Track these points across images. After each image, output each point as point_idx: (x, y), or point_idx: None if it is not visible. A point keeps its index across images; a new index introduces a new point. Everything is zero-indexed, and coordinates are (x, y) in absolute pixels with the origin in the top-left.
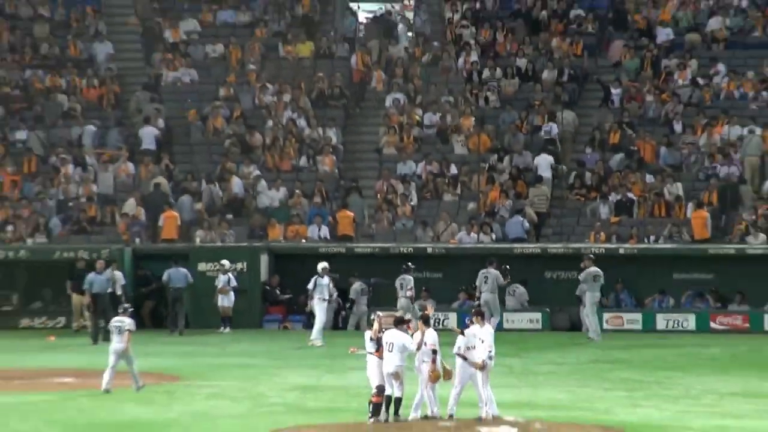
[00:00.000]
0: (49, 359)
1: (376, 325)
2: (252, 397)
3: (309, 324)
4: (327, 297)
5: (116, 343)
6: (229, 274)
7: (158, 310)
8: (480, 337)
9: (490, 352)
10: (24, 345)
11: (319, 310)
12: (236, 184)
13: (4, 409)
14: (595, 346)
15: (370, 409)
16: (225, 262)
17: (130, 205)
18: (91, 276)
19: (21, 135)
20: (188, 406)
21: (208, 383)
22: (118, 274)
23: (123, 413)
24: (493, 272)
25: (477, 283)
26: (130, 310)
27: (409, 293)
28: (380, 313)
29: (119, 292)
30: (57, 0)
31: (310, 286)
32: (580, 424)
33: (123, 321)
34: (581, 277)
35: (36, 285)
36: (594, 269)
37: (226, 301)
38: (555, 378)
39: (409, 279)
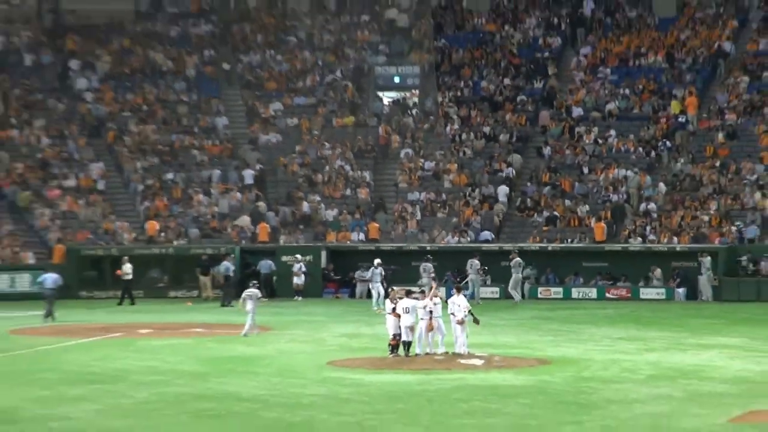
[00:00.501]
0: (187, 317)
1: (392, 295)
2: (316, 340)
3: (353, 294)
4: (379, 280)
5: (249, 305)
6: (301, 263)
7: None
8: (458, 303)
9: (466, 311)
10: (171, 308)
11: (375, 289)
12: (305, 206)
13: (160, 348)
14: (531, 308)
15: (390, 349)
16: (298, 255)
17: (244, 220)
18: (224, 263)
19: (170, 175)
20: (275, 345)
21: (288, 332)
22: (231, 264)
23: (234, 351)
24: (476, 261)
25: (466, 267)
26: (257, 285)
27: (432, 274)
28: (395, 288)
29: (231, 274)
30: (193, 89)
31: (368, 274)
32: (524, 358)
33: (253, 291)
34: (511, 264)
35: (179, 270)
36: (518, 260)
37: (299, 281)
38: (506, 328)
39: (429, 266)
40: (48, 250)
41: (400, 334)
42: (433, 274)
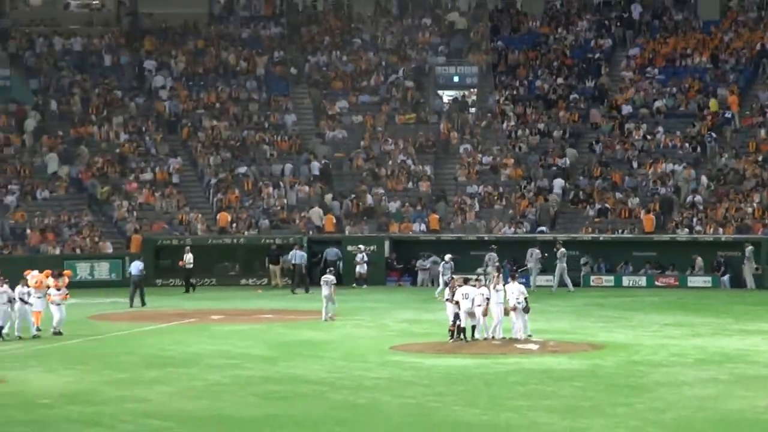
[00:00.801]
0: (257, 304)
1: (452, 283)
2: (379, 326)
3: (414, 282)
4: (449, 274)
5: (325, 291)
6: (363, 253)
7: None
8: (513, 290)
9: (520, 298)
10: (243, 295)
11: (442, 281)
12: (369, 199)
13: (231, 333)
14: (584, 295)
15: (450, 335)
16: (360, 246)
17: (315, 212)
18: (295, 252)
19: (241, 169)
20: (341, 330)
21: (352, 318)
22: (300, 253)
23: (302, 335)
24: (536, 251)
25: (527, 256)
26: (333, 271)
27: (497, 263)
28: (455, 276)
29: (299, 263)
30: (263, 88)
31: (440, 268)
32: (577, 343)
33: (329, 277)
34: (557, 254)
35: (250, 259)
36: (563, 250)
37: (361, 269)
38: (560, 315)
39: (494, 255)
40: (125, 240)
41: (459, 320)
42: (497, 263)
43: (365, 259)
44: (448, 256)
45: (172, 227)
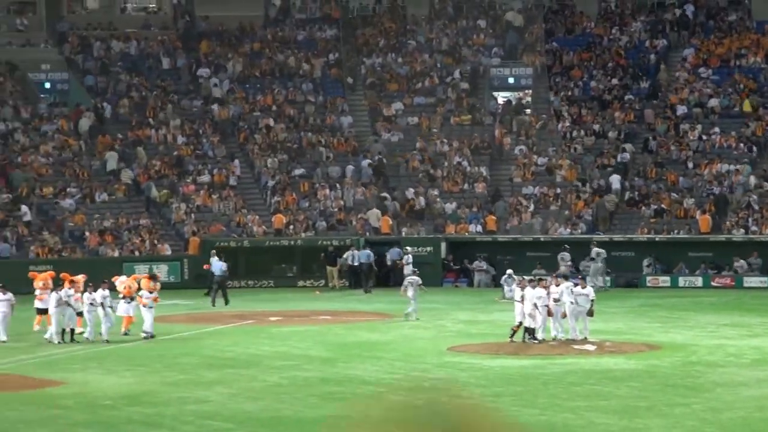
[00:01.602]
0: (315, 305)
1: (521, 284)
2: (436, 327)
3: (471, 284)
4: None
5: (410, 291)
6: (408, 254)
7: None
8: (583, 293)
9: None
10: (300, 297)
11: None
12: (425, 200)
13: (290, 335)
14: (640, 296)
15: (510, 334)
16: (407, 248)
17: (373, 213)
18: (353, 252)
19: (299, 171)
20: (399, 332)
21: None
22: (357, 254)
23: (360, 337)
24: (601, 250)
25: (592, 255)
26: (417, 272)
27: (569, 263)
28: (524, 277)
29: (356, 263)
30: (319, 90)
31: (503, 282)
32: (633, 343)
33: (415, 278)
34: (593, 254)
35: (307, 261)
36: (597, 249)
37: (407, 270)
38: (617, 316)
39: (567, 255)
40: (183, 242)
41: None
42: (569, 263)
43: (410, 260)
44: (509, 272)
45: (229, 229)
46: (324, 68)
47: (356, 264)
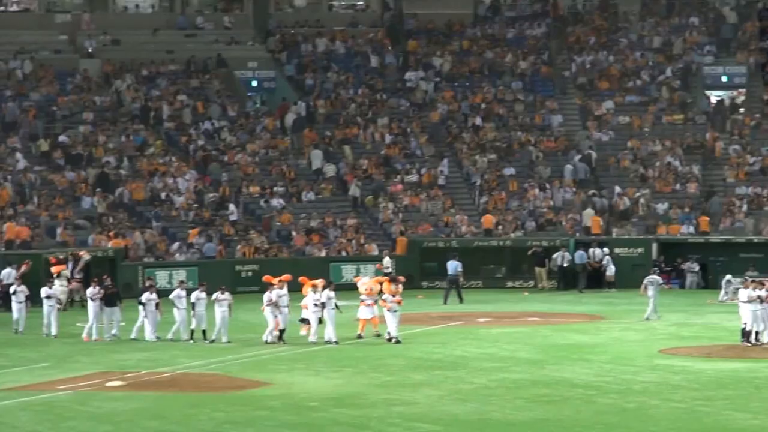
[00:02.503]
0: (523, 306)
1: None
2: (647, 329)
3: (683, 285)
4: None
5: (650, 291)
6: (608, 256)
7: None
8: None
9: None
10: (509, 298)
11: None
12: (624, 201)
13: (498, 336)
14: None
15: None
16: (606, 248)
17: (587, 214)
18: (561, 253)
19: (507, 171)
20: (608, 334)
21: (621, 321)
22: (567, 254)
23: (569, 339)
24: None
25: None
26: (657, 272)
27: None
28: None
29: (565, 264)
30: (528, 89)
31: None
32: None
33: (654, 278)
34: None
35: (516, 261)
36: None
37: (610, 273)
38: None
39: None
40: (391, 242)
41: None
42: None
43: (609, 262)
44: (728, 277)
45: (437, 229)
46: (533, 66)
47: (565, 265)
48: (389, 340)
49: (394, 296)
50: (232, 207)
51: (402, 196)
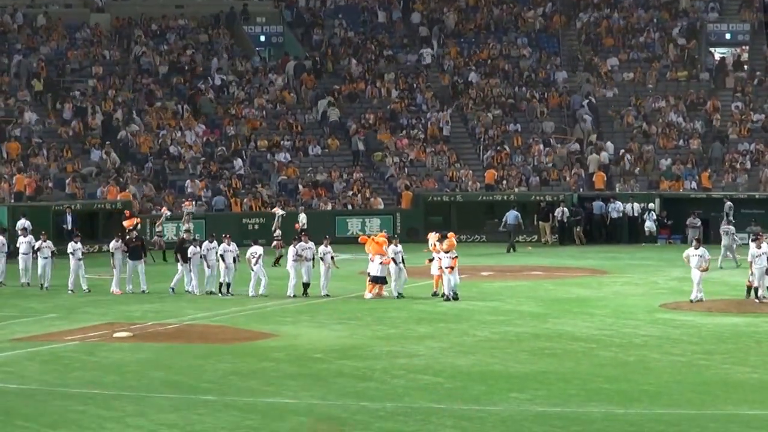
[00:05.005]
0: (527, 260)
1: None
2: (648, 284)
3: (684, 240)
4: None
5: (725, 240)
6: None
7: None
8: None
9: None
10: (514, 253)
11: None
12: (627, 157)
13: (501, 290)
14: None
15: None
16: (619, 202)
17: (593, 159)
18: (561, 208)
19: (511, 126)
20: (610, 288)
21: (623, 275)
22: (566, 210)
23: (571, 293)
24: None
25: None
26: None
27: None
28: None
29: (565, 219)
30: (534, 45)
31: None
32: None
33: (729, 227)
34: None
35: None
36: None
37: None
38: None
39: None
40: (396, 196)
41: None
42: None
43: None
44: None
45: (442, 184)
46: (539, 22)
47: (564, 220)
48: (449, 298)
49: (447, 253)
50: (238, 161)
51: (407, 151)
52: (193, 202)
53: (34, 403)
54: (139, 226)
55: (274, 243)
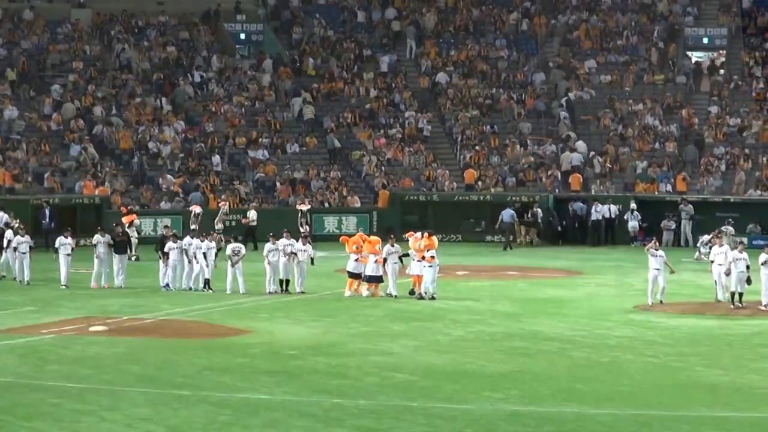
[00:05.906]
0: (502, 260)
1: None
2: (623, 285)
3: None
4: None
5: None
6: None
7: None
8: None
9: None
10: (487, 252)
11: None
12: (615, 158)
13: (476, 289)
14: None
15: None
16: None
17: (565, 157)
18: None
19: (488, 127)
20: (584, 289)
21: (596, 276)
22: (539, 210)
23: (545, 293)
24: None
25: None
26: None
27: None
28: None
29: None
30: (512, 46)
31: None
32: None
33: (729, 228)
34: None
35: (496, 216)
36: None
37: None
38: None
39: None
40: (373, 195)
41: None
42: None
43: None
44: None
45: (419, 183)
46: (517, 24)
47: (539, 220)
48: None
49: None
50: (216, 158)
51: (385, 150)
52: (226, 203)
53: (10, 395)
54: (137, 222)
55: (213, 235)
